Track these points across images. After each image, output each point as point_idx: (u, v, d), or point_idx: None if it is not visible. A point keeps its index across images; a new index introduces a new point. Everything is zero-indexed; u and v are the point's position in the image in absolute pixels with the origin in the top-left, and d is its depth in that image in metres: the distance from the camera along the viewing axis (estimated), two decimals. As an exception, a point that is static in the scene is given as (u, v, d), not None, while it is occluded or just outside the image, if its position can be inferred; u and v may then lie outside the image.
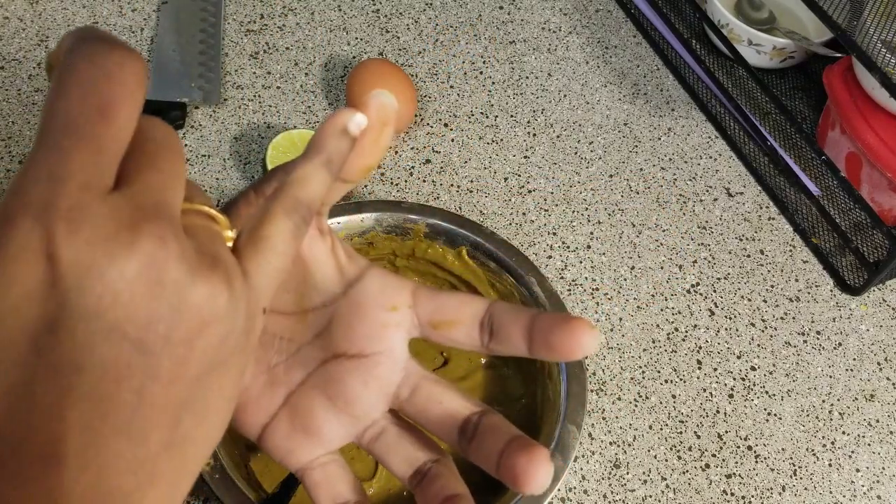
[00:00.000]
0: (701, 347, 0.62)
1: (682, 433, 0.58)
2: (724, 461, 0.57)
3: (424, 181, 0.68)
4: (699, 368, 0.61)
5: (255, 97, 0.71)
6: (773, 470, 0.57)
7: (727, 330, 0.63)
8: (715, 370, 0.61)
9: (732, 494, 0.56)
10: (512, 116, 0.74)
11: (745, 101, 0.77)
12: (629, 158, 0.73)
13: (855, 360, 0.63)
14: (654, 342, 0.62)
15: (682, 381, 0.60)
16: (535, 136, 0.73)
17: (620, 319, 0.63)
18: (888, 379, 0.63)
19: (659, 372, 0.60)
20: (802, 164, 0.73)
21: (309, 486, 0.30)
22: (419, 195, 0.67)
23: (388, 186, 0.67)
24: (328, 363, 0.30)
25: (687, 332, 0.63)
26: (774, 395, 0.61)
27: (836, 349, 0.64)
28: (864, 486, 0.57)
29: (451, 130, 0.72)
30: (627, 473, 0.56)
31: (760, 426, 0.59)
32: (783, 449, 0.58)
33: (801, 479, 0.57)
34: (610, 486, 0.55)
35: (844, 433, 0.60)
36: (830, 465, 0.58)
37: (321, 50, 0.76)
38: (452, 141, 0.71)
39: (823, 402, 0.61)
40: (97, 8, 0.76)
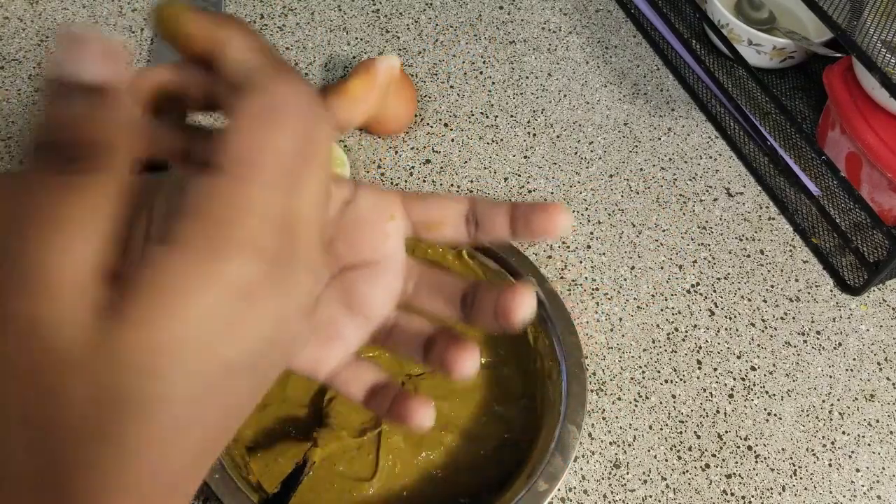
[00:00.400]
0: (701, 347, 0.62)
1: (682, 433, 0.58)
2: (724, 461, 0.57)
3: (424, 181, 0.68)
4: (699, 368, 0.61)
5: (255, 97, 0.71)
6: (773, 470, 0.57)
7: (727, 330, 0.63)
8: (715, 370, 0.61)
9: (732, 494, 0.56)
10: (512, 116, 0.74)
11: (745, 101, 0.77)
12: (629, 158, 0.73)
13: (855, 360, 0.63)
14: (654, 342, 0.62)
15: (682, 381, 0.60)
16: (535, 136, 0.73)
17: (620, 319, 0.63)
18: (888, 379, 0.63)
19: (659, 372, 0.61)
20: (802, 164, 0.73)
21: (339, 386, 0.33)
22: (419, 195, 0.67)
23: (388, 186, 0.67)
24: (338, 277, 0.32)
25: (687, 332, 0.63)
26: (774, 395, 0.61)
27: (836, 349, 0.64)
28: (864, 486, 0.57)
29: (451, 130, 0.72)
30: (627, 473, 0.56)
31: (760, 426, 0.59)
32: (783, 449, 0.58)
33: (801, 479, 0.57)
34: (610, 486, 0.55)
35: (844, 433, 0.60)
36: (830, 465, 0.58)
37: (321, 50, 0.76)
38: (452, 141, 0.71)
39: (823, 402, 0.61)
40: (97, 8, 0.76)
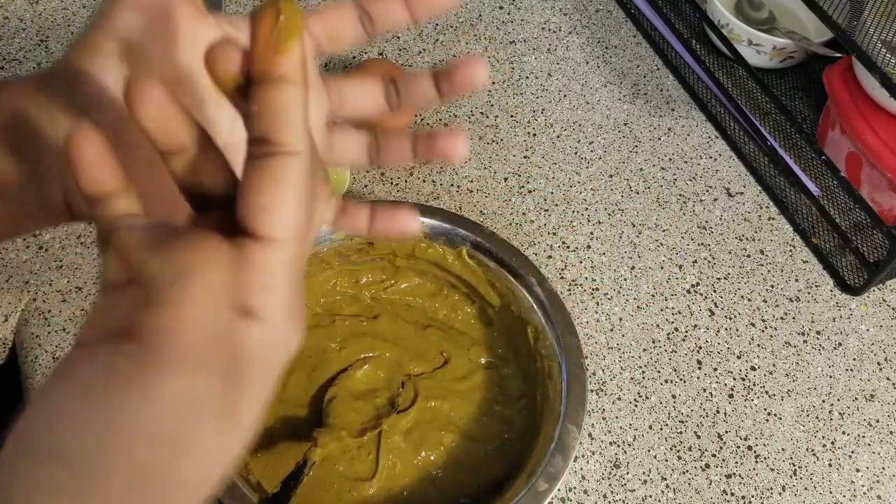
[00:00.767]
0: (701, 347, 0.62)
1: (682, 433, 0.58)
2: (724, 461, 0.57)
3: (424, 181, 0.68)
4: (699, 368, 0.61)
5: (255, 97, 0.71)
6: (773, 470, 0.57)
7: (727, 330, 0.63)
8: (715, 370, 0.61)
9: (732, 494, 0.56)
10: (512, 116, 0.74)
11: (745, 101, 0.77)
12: (629, 158, 0.73)
13: (855, 360, 0.63)
14: (654, 342, 0.62)
15: (682, 381, 0.60)
16: (535, 136, 0.73)
17: (620, 319, 0.63)
18: (888, 379, 0.63)
19: (659, 372, 0.61)
20: (802, 164, 0.73)
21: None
22: (419, 195, 0.67)
23: (388, 186, 0.67)
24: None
25: (687, 332, 0.63)
26: (774, 395, 0.61)
27: (836, 349, 0.64)
28: (864, 486, 0.57)
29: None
30: (627, 473, 0.56)
31: (760, 426, 0.59)
32: (783, 449, 0.58)
33: (801, 479, 0.57)
34: (610, 486, 0.55)
35: (844, 433, 0.60)
36: (830, 465, 0.58)
37: (321, 50, 0.76)
38: (452, 141, 0.71)
39: (823, 402, 0.61)
40: (97, 8, 0.76)
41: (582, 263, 0.65)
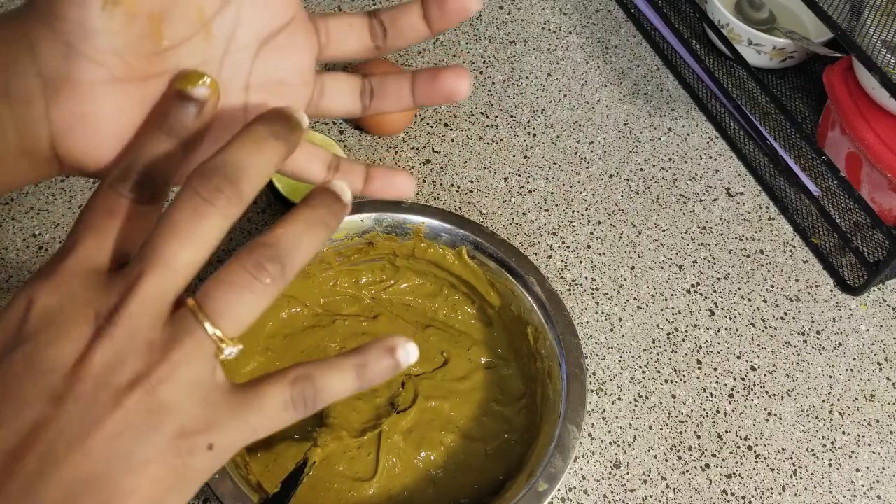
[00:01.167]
0: (701, 347, 0.62)
1: (682, 433, 0.58)
2: (724, 461, 0.57)
3: (424, 181, 0.68)
4: (699, 368, 0.61)
5: (255, 97, 0.71)
6: (773, 470, 0.57)
7: (727, 330, 0.63)
8: (715, 370, 0.61)
9: (732, 494, 0.56)
10: (512, 116, 0.74)
11: (745, 101, 0.77)
12: (629, 158, 0.73)
13: (855, 360, 0.63)
14: (654, 342, 0.62)
15: (682, 381, 0.60)
16: (535, 136, 0.73)
17: (620, 319, 0.63)
18: (888, 379, 0.63)
19: (659, 372, 0.61)
20: (802, 164, 0.73)
21: (298, 170, 0.33)
22: (419, 195, 0.67)
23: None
24: (253, 63, 0.30)
25: (687, 332, 0.63)
26: (774, 395, 0.61)
27: (836, 349, 0.64)
28: (864, 486, 0.57)
29: (451, 130, 0.72)
30: (627, 473, 0.56)
31: (760, 426, 0.59)
32: (783, 449, 0.58)
33: (801, 479, 0.57)
34: (610, 486, 0.55)
35: (844, 433, 0.60)
36: (830, 465, 0.58)
37: (321, 50, 0.76)
38: (452, 141, 0.71)
39: (823, 402, 0.61)
40: None
41: (582, 263, 0.65)
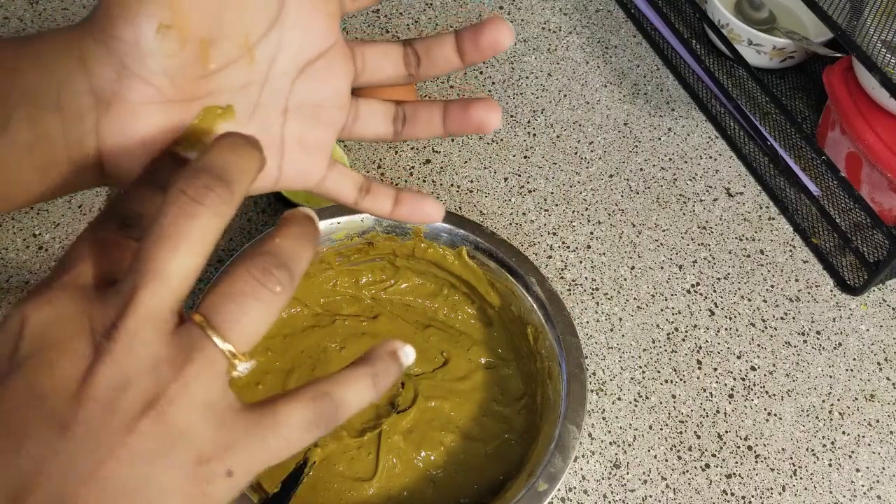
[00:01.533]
0: (701, 347, 0.62)
1: (682, 433, 0.58)
2: (724, 461, 0.57)
3: (424, 181, 0.68)
4: (699, 368, 0.61)
5: (255, 97, 0.71)
6: (773, 470, 0.57)
7: (727, 330, 0.63)
8: (715, 370, 0.61)
9: (732, 494, 0.56)
10: (512, 116, 0.74)
11: (745, 101, 0.77)
12: (629, 158, 0.73)
13: (855, 360, 0.63)
14: (654, 342, 0.62)
15: (682, 381, 0.60)
16: (535, 136, 0.73)
17: (620, 319, 0.63)
18: (888, 379, 0.63)
19: (659, 372, 0.61)
20: (802, 164, 0.73)
21: (330, 190, 0.34)
22: (419, 195, 0.67)
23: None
24: (293, 87, 0.31)
25: (687, 332, 0.63)
26: (774, 395, 0.61)
27: (836, 349, 0.64)
28: (864, 486, 0.57)
29: (451, 130, 0.72)
30: (627, 473, 0.56)
31: (760, 426, 0.59)
32: (783, 449, 0.58)
33: (801, 479, 0.57)
34: (610, 486, 0.55)
35: (844, 433, 0.60)
36: (830, 465, 0.58)
37: (321, 50, 0.76)
38: (452, 141, 0.71)
39: (823, 402, 0.61)
40: (97, 8, 0.76)
41: (582, 263, 0.65)
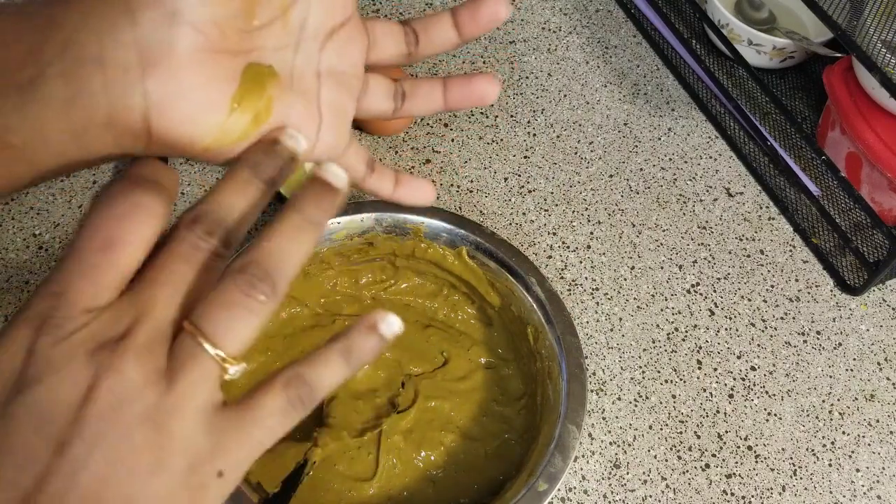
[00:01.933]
0: (701, 347, 0.62)
1: (682, 433, 0.58)
2: (724, 461, 0.57)
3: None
4: (699, 368, 0.61)
5: (255, 97, 0.71)
6: (773, 470, 0.57)
7: (727, 330, 0.63)
8: (715, 370, 0.61)
9: (732, 494, 0.56)
10: (512, 116, 0.74)
11: (745, 101, 0.77)
12: (629, 158, 0.73)
13: (855, 360, 0.63)
14: (654, 342, 0.62)
15: (682, 381, 0.60)
16: (535, 136, 0.73)
17: (620, 319, 0.63)
18: (888, 379, 0.63)
19: (659, 372, 0.61)
20: (802, 164, 0.73)
21: (348, 164, 0.34)
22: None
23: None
24: (321, 54, 0.32)
25: (687, 332, 0.63)
26: (774, 395, 0.61)
27: (836, 349, 0.64)
28: (864, 486, 0.57)
29: (451, 130, 0.72)
30: (627, 473, 0.56)
31: (760, 426, 0.59)
32: (783, 449, 0.58)
33: (801, 479, 0.57)
34: (610, 486, 0.55)
35: (844, 433, 0.60)
36: (830, 465, 0.58)
37: (321, 50, 0.76)
38: (452, 141, 0.71)
39: (823, 402, 0.61)
40: None
41: (582, 263, 0.65)
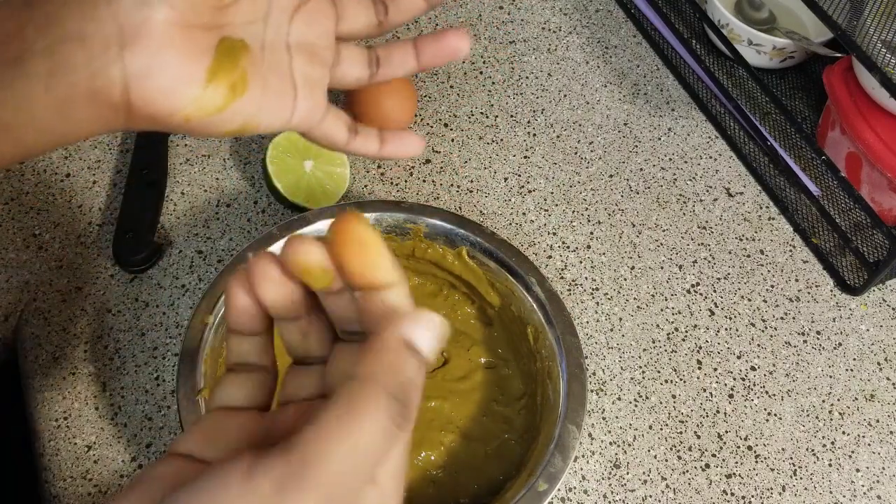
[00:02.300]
0: (701, 347, 0.62)
1: (682, 433, 0.58)
2: (724, 461, 0.57)
3: (424, 181, 0.68)
4: (699, 368, 0.61)
5: (255, 97, 0.71)
6: (773, 470, 0.57)
7: (727, 330, 0.63)
8: (715, 370, 0.61)
9: (732, 494, 0.56)
10: (512, 116, 0.74)
11: (745, 101, 0.77)
12: (629, 158, 0.73)
13: (855, 360, 0.63)
14: (654, 342, 0.62)
15: (682, 381, 0.60)
16: (535, 136, 0.73)
17: (620, 319, 0.63)
18: (888, 379, 0.63)
19: (659, 372, 0.60)
20: (802, 164, 0.73)
21: (327, 132, 0.35)
22: (419, 195, 0.67)
23: (388, 186, 0.67)
24: (290, 26, 0.32)
25: (687, 332, 0.63)
26: (774, 395, 0.61)
27: (836, 349, 0.64)
28: (864, 486, 0.57)
29: (451, 130, 0.72)
30: (627, 473, 0.56)
31: (760, 426, 0.59)
32: (783, 449, 0.58)
33: (801, 479, 0.57)
34: (610, 486, 0.55)
35: (844, 433, 0.60)
36: (830, 465, 0.58)
37: (321, 50, 0.76)
38: (452, 141, 0.71)
39: (823, 402, 0.61)
40: None
41: (582, 263, 0.65)
